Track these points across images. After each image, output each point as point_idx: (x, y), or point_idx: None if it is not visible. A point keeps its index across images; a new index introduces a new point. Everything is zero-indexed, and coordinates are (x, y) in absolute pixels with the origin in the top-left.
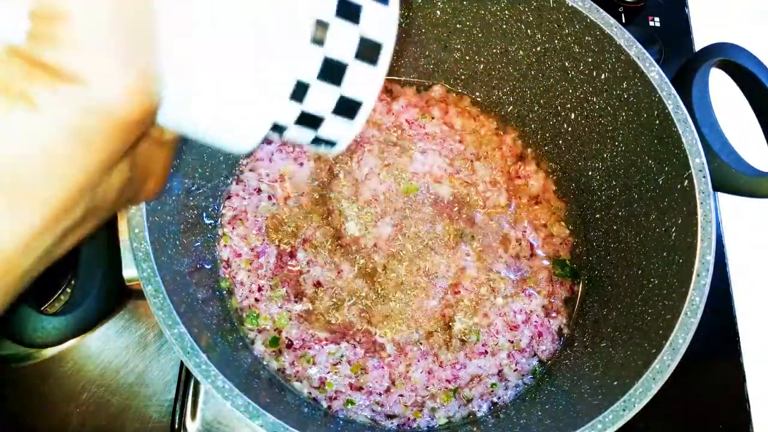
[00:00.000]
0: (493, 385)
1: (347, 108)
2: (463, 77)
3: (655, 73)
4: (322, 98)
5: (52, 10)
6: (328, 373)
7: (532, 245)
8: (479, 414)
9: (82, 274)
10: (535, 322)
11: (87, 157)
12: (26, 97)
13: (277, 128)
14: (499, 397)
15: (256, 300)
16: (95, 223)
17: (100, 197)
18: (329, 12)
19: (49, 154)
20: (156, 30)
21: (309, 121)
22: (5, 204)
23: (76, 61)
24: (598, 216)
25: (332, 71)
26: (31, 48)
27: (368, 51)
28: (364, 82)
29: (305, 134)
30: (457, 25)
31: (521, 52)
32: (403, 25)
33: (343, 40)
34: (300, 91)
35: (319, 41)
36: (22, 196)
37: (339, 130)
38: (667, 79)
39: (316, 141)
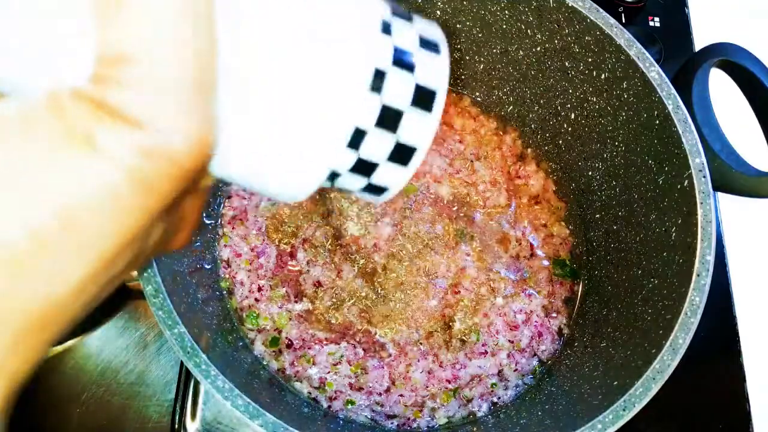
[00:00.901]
0: (493, 385)
1: (402, 154)
2: (463, 77)
3: (655, 73)
4: (378, 145)
5: (118, 54)
6: (328, 373)
7: (532, 245)
8: (479, 414)
9: None
10: (535, 322)
11: (143, 202)
12: (89, 138)
13: (331, 175)
14: (499, 397)
15: (256, 300)
16: (129, 273)
17: (144, 245)
18: (386, 61)
19: (108, 196)
20: (217, 77)
21: (363, 167)
22: (64, 246)
23: (139, 104)
24: (598, 216)
25: (389, 118)
26: (94, 90)
27: (423, 98)
28: (420, 128)
29: (357, 181)
30: (457, 25)
31: (521, 52)
32: None
33: (399, 88)
34: (357, 138)
35: (376, 89)
36: (79, 240)
37: (391, 177)
38: (667, 79)
39: (367, 188)
